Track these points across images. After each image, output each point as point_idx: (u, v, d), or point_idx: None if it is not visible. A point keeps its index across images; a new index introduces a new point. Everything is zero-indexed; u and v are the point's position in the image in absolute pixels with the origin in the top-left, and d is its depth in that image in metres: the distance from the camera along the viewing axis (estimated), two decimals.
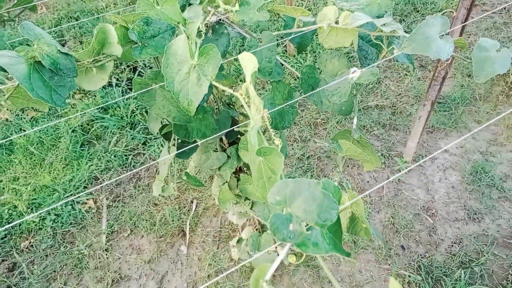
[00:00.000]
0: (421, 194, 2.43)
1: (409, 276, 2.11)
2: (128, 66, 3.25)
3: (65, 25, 1.38)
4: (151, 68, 3.20)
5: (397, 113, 2.85)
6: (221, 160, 1.60)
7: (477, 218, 2.33)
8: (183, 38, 0.98)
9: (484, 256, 2.18)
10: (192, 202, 2.40)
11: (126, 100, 2.96)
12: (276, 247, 1.83)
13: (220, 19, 1.21)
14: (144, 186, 2.51)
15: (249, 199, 1.72)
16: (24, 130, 2.81)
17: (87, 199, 2.46)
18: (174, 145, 1.40)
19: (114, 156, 2.68)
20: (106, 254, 2.19)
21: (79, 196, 2.47)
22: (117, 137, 2.79)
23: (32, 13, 4.03)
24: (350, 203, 0.78)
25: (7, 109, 1.01)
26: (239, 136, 1.64)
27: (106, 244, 2.23)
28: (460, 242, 2.25)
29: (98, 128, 2.83)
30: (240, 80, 2.95)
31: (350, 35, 1.16)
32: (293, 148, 2.66)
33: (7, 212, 2.40)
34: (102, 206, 2.42)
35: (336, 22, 1.11)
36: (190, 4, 1.22)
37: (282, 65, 1.46)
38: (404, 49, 1.02)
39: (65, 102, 1.04)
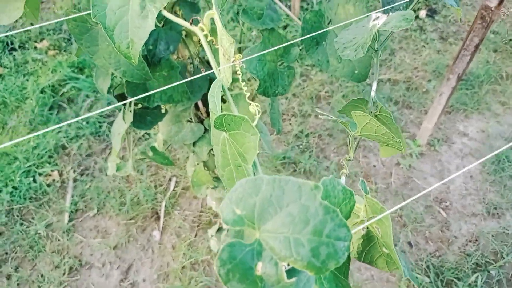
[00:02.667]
0: (435, 184, 2.11)
1: (416, 277, 1.82)
2: None
3: None
4: None
5: (412, 89, 2.49)
6: (197, 134, 1.27)
7: (497, 213, 2.02)
8: None
9: (504, 258, 1.88)
10: (170, 179, 2.08)
11: None
12: None
13: None
14: None
15: None
16: None
17: (51, 171, 2.15)
18: (131, 111, 1.07)
19: (86, 123, 2.34)
20: (67, 236, 1.89)
21: (42, 166, 2.15)
22: (92, 101, 2.45)
23: None
24: (372, 221, 0.45)
25: None
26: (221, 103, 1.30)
27: (68, 224, 1.93)
28: (476, 240, 1.95)
29: (70, 89, 2.49)
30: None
31: None
32: (290, 124, 2.32)
33: None
34: (68, 180, 2.11)
35: None
36: None
37: (285, 14, 1.11)
38: None
39: None
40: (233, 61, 0.53)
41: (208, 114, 1.32)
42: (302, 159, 2.13)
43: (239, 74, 0.53)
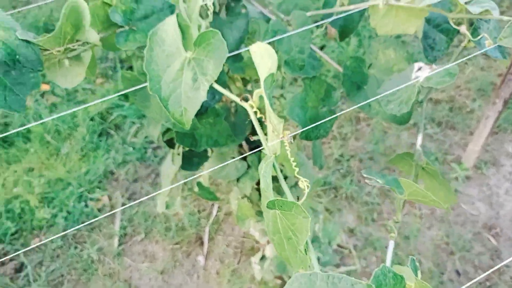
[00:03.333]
0: (483, 209, 2.04)
1: None
2: None
3: (34, 5, 1.12)
4: None
5: (456, 108, 2.43)
6: (240, 170, 1.32)
7: None
8: (173, 21, 0.69)
9: None
10: (213, 205, 2.14)
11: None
12: None
13: None
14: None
15: None
16: (42, 117, 2.64)
17: (101, 196, 2.26)
18: (179, 154, 1.13)
19: (133, 149, 2.46)
20: (118, 260, 1.99)
21: (93, 192, 2.27)
22: (137, 127, 2.57)
23: None
24: None
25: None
26: None
27: (118, 248, 2.03)
28: None
29: (117, 117, 2.62)
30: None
31: (416, 16, 0.82)
32: (330, 147, 2.32)
33: (19, 206, 2.24)
34: (117, 205, 2.22)
35: None
36: None
37: (319, 59, 1.14)
38: (503, 40, 0.68)
39: (25, 105, 0.78)
40: (281, 137, 0.57)
41: (250, 150, 1.36)
42: (343, 184, 2.13)
43: (288, 149, 0.57)
